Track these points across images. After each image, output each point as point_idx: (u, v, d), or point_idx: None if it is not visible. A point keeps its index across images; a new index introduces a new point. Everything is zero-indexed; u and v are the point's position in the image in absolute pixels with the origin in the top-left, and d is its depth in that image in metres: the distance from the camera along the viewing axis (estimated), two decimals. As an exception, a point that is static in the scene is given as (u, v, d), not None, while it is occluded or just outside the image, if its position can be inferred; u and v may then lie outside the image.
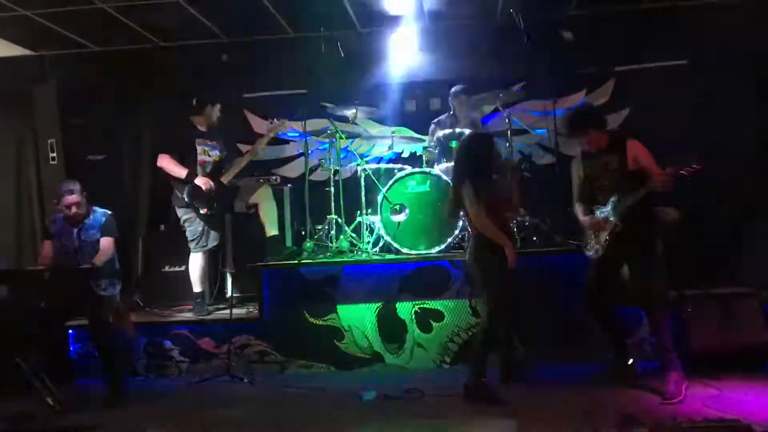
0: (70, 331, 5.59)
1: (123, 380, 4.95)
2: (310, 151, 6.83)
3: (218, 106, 5.97)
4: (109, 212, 5.33)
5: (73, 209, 5.12)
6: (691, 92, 6.32)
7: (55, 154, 6.51)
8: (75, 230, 5.19)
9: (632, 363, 4.64)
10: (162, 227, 6.78)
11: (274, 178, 6.58)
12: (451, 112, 6.28)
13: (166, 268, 6.52)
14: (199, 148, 5.87)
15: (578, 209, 4.66)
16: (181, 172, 5.76)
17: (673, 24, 6.51)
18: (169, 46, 7.06)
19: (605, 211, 4.42)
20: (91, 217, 5.23)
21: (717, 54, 6.30)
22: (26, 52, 7.11)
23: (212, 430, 4.22)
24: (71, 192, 5.11)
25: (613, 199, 4.36)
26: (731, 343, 4.72)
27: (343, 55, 6.40)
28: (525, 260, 4.81)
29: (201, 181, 5.75)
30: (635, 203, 4.25)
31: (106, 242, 5.22)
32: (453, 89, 6.27)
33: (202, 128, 5.93)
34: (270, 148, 6.96)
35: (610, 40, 6.64)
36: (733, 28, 6.16)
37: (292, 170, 7.11)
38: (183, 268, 6.22)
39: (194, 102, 5.92)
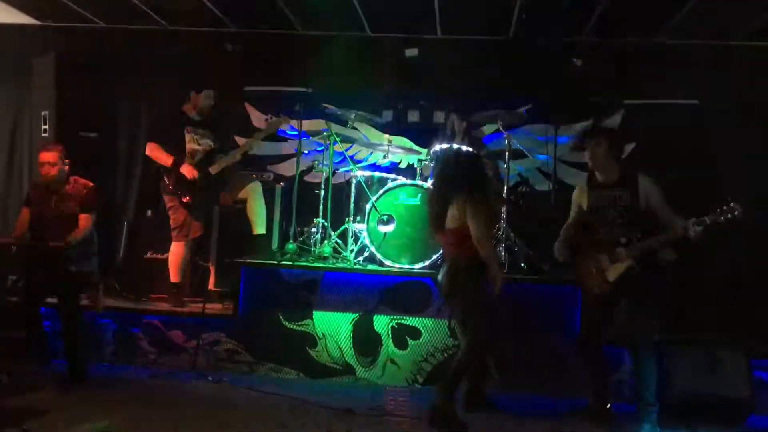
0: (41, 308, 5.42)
1: (84, 364, 4.81)
2: (308, 152, 6.75)
3: (205, 94, 5.77)
4: (92, 184, 5.10)
5: (46, 168, 4.92)
6: (699, 134, 6.19)
7: (47, 127, 6.40)
8: (53, 199, 4.97)
9: (609, 406, 4.46)
10: (149, 213, 6.64)
11: (267, 174, 6.49)
12: (450, 127, 6.17)
13: (149, 255, 6.39)
14: (188, 136, 5.74)
15: (560, 250, 4.50)
16: (167, 159, 5.65)
17: (687, 62, 6.39)
18: (176, 30, 6.95)
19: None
20: (72, 187, 5.02)
21: (729, 98, 6.17)
22: (31, 20, 7.01)
23: (157, 424, 4.05)
24: (47, 149, 4.96)
25: (623, 239, 4.18)
26: (712, 392, 4.58)
27: (346, 57, 6.29)
28: (509, 287, 4.64)
29: (186, 170, 5.62)
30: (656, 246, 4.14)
31: (85, 218, 4.98)
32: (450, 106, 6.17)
33: (194, 116, 5.80)
34: (268, 144, 6.86)
35: (623, 71, 6.50)
36: (749, 74, 6.05)
37: (288, 168, 6.95)
38: (166, 256, 6.07)
39: (180, 89, 5.80)
